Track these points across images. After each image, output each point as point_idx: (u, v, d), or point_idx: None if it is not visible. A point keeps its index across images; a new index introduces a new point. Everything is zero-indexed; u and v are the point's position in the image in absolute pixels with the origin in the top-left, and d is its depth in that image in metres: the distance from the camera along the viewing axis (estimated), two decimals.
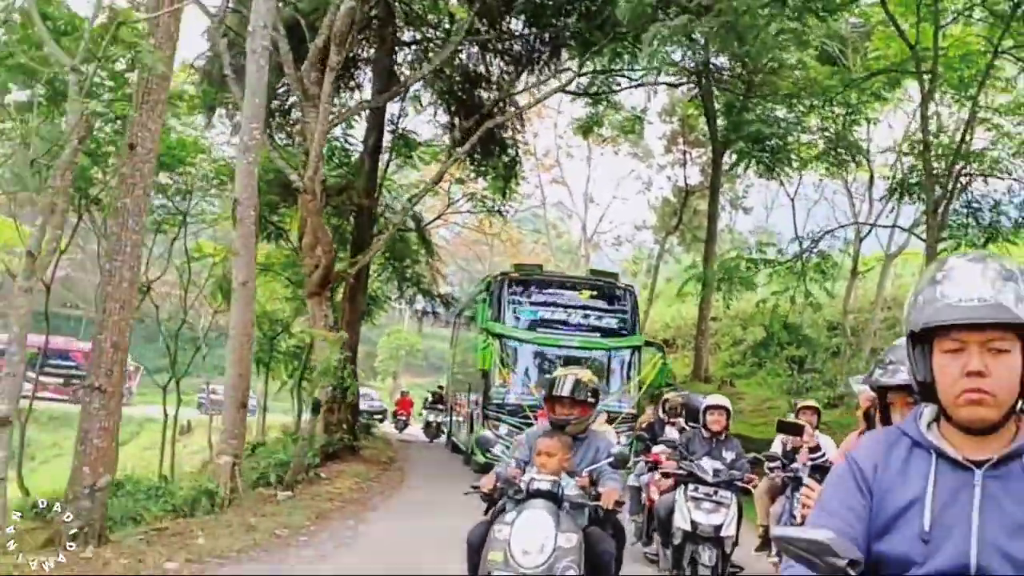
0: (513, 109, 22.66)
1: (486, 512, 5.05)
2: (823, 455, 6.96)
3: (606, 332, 16.51)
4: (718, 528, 6.75)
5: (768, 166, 20.69)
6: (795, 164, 21.20)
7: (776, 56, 16.80)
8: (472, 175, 25.76)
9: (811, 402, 9.20)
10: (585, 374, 5.27)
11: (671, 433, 9.08)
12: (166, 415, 18.25)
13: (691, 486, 6.94)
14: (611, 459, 4.85)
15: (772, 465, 7.91)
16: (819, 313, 21.49)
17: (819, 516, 1.98)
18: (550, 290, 16.81)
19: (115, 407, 7.32)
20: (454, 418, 22.19)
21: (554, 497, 4.57)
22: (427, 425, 26.34)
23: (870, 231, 20.07)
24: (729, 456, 7.29)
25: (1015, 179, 15.83)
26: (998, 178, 15.95)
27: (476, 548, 4.62)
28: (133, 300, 7.60)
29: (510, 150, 24.13)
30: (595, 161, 47.97)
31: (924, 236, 15.23)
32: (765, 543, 8.65)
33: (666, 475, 7.46)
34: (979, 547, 1.83)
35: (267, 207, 19.10)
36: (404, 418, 30.52)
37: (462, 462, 18.18)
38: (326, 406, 17.02)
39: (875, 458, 2.00)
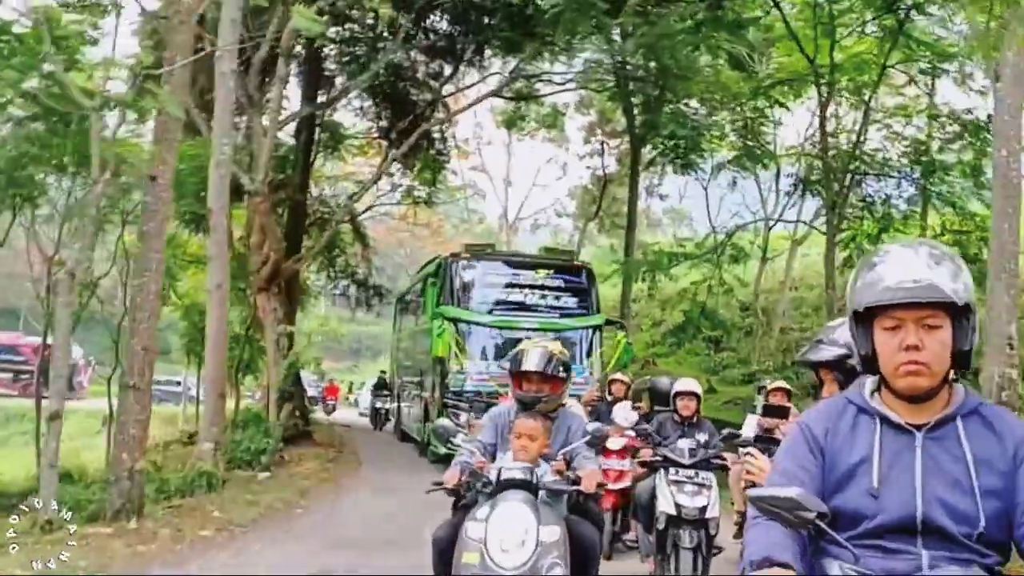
0: (445, 113, 23.64)
1: (453, 509, 4.80)
2: None
3: (565, 312, 15.96)
4: (703, 510, 6.65)
5: (683, 163, 22.32)
6: (708, 162, 22.87)
7: (689, 61, 18.30)
8: (401, 168, 26.77)
9: (781, 383, 8.98)
10: (555, 346, 4.89)
11: (619, 416, 8.71)
12: (111, 407, 19.06)
13: (670, 470, 6.80)
14: (588, 437, 4.57)
15: (747, 450, 7.77)
16: (732, 295, 23.26)
17: (778, 477, 2.18)
18: (505, 270, 16.32)
19: (147, 402, 8.39)
20: (402, 405, 21.60)
21: (530, 486, 4.22)
22: (375, 412, 26.42)
23: (775, 223, 21.87)
24: (702, 438, 7.23)
25: (903, 176, 17.72)
26: (888, 176, 17.84)
27: (444, 550, 4.23)
28: (158, 309, 8.63)
29: (438, 144, 25.31)
30: (514, 147, 49.26)
31: (824, 229, 17.06)
32: (743, 530, 8.66)
33: (643, 464, 7.35)
34: (923, 500, 2.05)
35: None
36: (333, 403, 32.30)
37: (416, 452, 17.88)
38: (277, 394, 18.08)
39: (825, 423, 2.21)
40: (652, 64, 21.65)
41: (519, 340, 15.08)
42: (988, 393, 10.73)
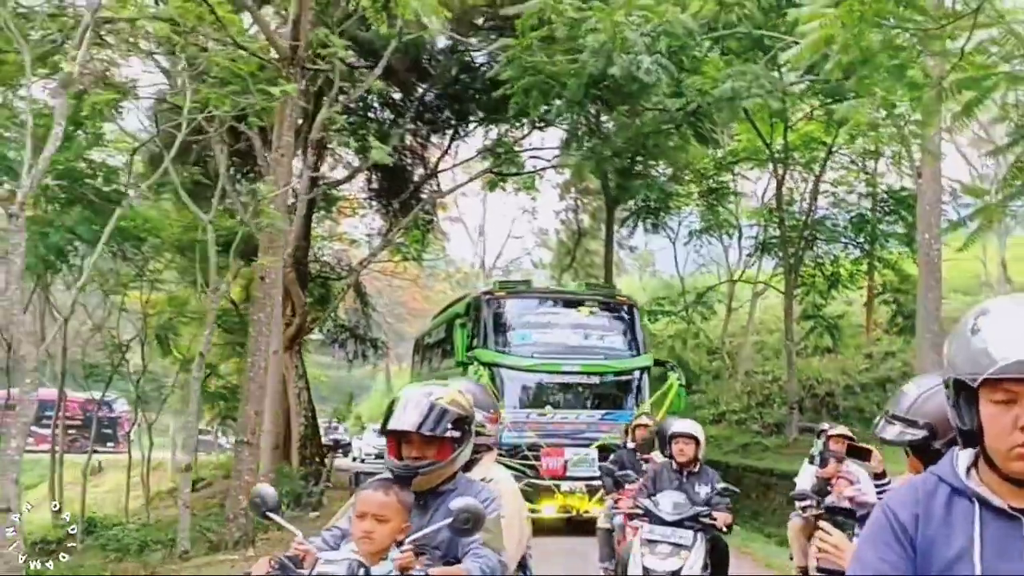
0: (438, 189, 25.92)
1: None
2: (888, 482, 5.90)
3: (611, 353, 14.76)
4: (674, 575, 6.01)
5: (654, 223, 24.86)
6: (675, 219, 25.47)
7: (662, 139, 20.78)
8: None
9: (843, 429, 7.96)
10: (446, 393, 3.33)
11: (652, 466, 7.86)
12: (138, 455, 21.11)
13: (646, 527, 6.26)
14: (450, 519, 2.94)
15: (804, 504, 7.15)
16: (699, 340, 25.70)
17: (859, 570, 1.95)
18: (543, 308, 15.24)
19: (257, 454, 10.54)
20: None
21: None
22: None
23: (738, 280, 24.40)
24: (703, 491, 6.48)
25: (849, 242, 20.38)
26: (837, 241, 20.52)
27: None
28: (266, 383, 10.80)
29: (427, 207, 27.67)
30: (488, 199, 51.80)
31: (783, 288, 19.67)
32: None
33: (627, 516, 6.89)
34: None
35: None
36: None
37: None
38: (299, 443, 20.16)
39: (914, 508, 1.93)
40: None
41: (563, 385, 14.27)
42: None
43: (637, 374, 14.68)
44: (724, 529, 6.43)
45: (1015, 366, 1.73)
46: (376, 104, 24.45)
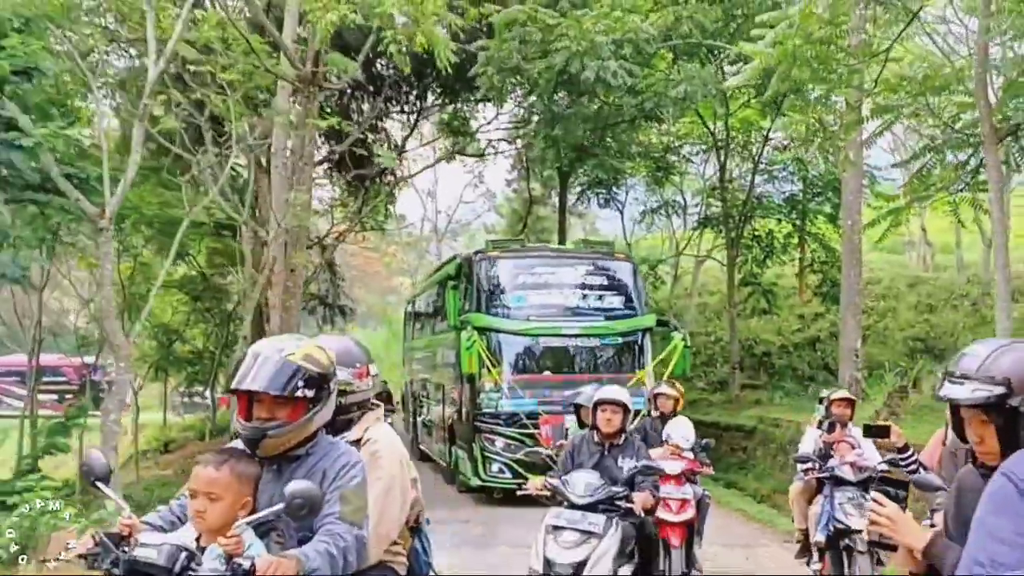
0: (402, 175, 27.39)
1: None
2: (912, 455, 5.77)
3: (611, 313, 14.09)
4: (579, 566, 5.34)
5: (606, 199, 26.88)
6: (623, 192, 27.49)
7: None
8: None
9: (844, 392, 8.01)
10: (301, 348, 3.05)
11: (676, 433, 7.73)
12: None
13: (553, 511, 5.70)
14: (283, 504, 2.69)
15: (806, 467, 7.29)
16: (651, 307, 27.82)
17: (996, 547, 1.92)
18: (538, 267, 14.38)
19: None
20: (419, 421, 19.26)
21: None
22: None
23: (681, 254, 26.51)
24: (627, 465, 5.86)
25: (783, 217, 22.64)
26: (772, 217, 22.76)
27: None
28: None
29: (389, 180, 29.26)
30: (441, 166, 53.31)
31: (723, 259, 21.89)
32: (804, 548, 7.87)
33: (536, 498, 6.06)
34: None
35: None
36: None
37: (440, 477, 15.95)
38: None
39: None
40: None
41: (561, 349, 13.60)
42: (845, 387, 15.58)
43: (639, 335, 14.02)
44: (641, 514, 5.73)
45: None
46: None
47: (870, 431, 5.94)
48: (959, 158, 12.25)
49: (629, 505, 5.62)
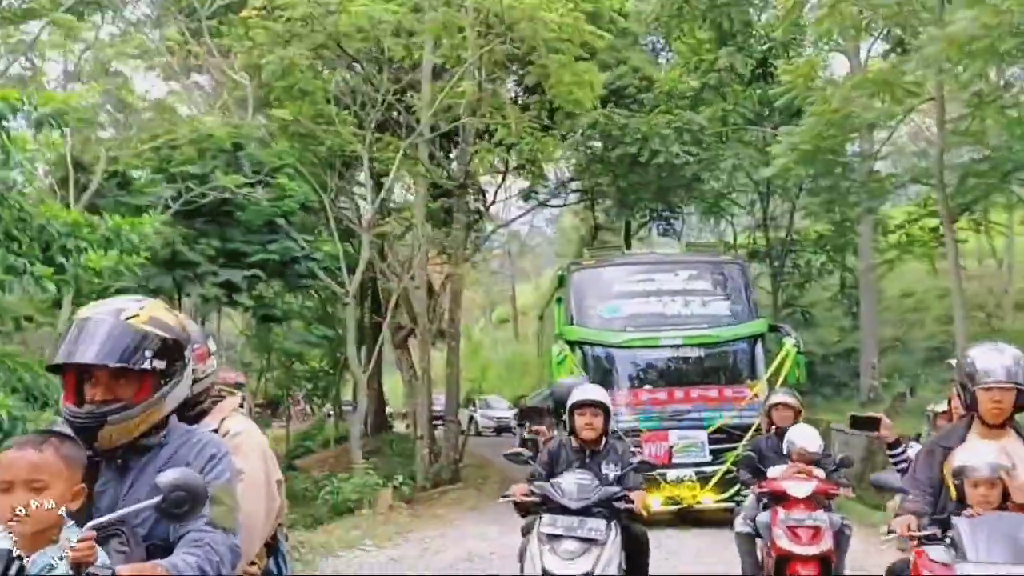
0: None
1: None
2: (903, 452, 5.35)
3: (716, 320, 13.36)
4: None
5: (665, 230, 31.53)
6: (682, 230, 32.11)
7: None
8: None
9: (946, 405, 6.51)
10: (144, 308, 2.40)
11: (800, 438, 6.52)
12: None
13: (546, 518, 5.21)
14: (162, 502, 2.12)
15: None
16: None
17: None
18: (637, 275, 13.82)
19: (458, 430, 17.18)
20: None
21: None
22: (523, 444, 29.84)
23: None
24: (611, 472, 5.44)
25: (817, 249, 27.11)
26: (812, 252, 27.28)
27: None
28: (460, 381, 17.40)
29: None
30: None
31: (769, 287, 26.43)
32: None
33: (517, 505, 5.71)
34: None
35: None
36: None
37: None
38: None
39: None
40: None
41: (662, 361, 13.07)
42: (864, 394, 20.13)
43: (748, 343, 13.28)
44: (644, 513, 5.42)
45: None
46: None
47: (857, 423, 5.85)
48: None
49: (628, 506, 5.23)
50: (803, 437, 6.46)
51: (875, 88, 14.58)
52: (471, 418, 32.65)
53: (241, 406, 3.05)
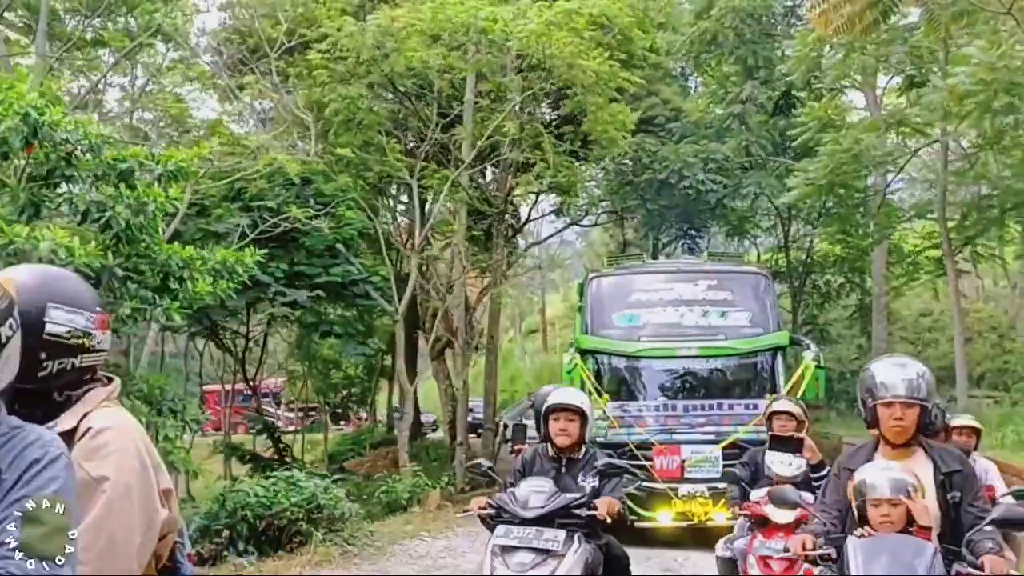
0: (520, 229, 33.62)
1: None
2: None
3: (733, 332, 12.90)
4: None
5: (690, 248, 32.88)
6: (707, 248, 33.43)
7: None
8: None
9: (969, 420, 6.69)
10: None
11: (776, 462, 6.08)
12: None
13: (500, 529, 4.83)
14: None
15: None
16: None
17: None
18: (655, 284, 13.49)
19: (492, 437, 18.61)
20: None
21: None
22: None
23: None
24: (588, 484, 5.09)
25: (838, 271, 28.39)
26: (831, 273, 28.54)
27: None
28: (497, 392, 18.84)
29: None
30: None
31: (788, 308, 27.71)
32: None
33: (483, 520, 5.12)
34: None
35: None
36: None
37: None
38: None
39: None
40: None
41: (676, 372, 13.00)
42: None
43: (767, 356, 12.82)
44: (607, 519, 4.84)
45: None
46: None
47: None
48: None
49: (592, 513, 4.80)
50: (777, 462, 6.06)
51: (886, 127, 15.94)
52: (506, 425, 33.76)
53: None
